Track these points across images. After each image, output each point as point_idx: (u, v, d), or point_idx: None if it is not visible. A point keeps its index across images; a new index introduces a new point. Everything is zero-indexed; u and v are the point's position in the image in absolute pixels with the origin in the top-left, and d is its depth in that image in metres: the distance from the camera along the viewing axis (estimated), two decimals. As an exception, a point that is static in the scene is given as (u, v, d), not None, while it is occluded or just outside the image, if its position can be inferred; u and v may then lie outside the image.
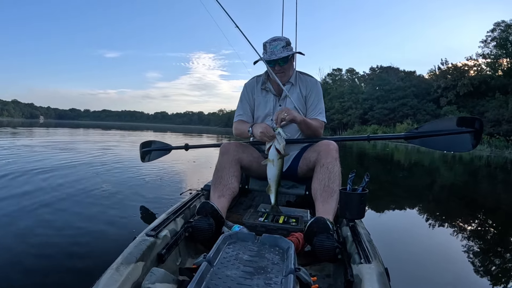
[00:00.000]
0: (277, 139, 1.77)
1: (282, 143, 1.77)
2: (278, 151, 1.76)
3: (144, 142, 3.44)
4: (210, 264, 1.04)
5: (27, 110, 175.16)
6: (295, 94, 2.13)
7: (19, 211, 2.54)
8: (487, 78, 32.46)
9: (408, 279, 1.85)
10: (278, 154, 1.76)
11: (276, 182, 1.82)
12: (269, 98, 2.15)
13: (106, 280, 0.95)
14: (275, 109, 2.11)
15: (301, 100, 2.13)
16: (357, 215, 1.58)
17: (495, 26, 31.90)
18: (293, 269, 1.03)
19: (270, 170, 1.80)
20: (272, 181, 1.82)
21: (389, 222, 3.20)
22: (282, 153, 1.77)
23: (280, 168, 1.79)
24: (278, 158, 1.77)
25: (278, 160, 1.77)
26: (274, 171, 1.79)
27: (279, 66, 2.03)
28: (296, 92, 2.14)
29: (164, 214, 1.54)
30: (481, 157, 15.59)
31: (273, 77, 2.06)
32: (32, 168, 4.46)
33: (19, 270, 1.59)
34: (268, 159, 1.80)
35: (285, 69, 2.06)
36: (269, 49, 2.03)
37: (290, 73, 2.12)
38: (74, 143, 10.14)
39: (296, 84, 2.15)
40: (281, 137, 1.77)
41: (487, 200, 5.18)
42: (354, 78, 56.72)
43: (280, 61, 2.02)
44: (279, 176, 1.81)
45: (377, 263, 1.14)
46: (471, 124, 1.95)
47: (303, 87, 2.15)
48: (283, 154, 1.78)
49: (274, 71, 2.04)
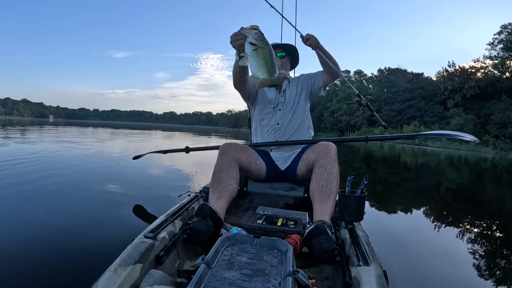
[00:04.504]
0: (246, 33, 1.50)
1: (253, 34, 1.48)
2: (252, 44, 1.47)
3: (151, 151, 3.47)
4: (208, 266, 1.04)
5: (36, 109, 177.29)
6: (294, 87, 2.28)
7: (14, 212, 2.53)
8: (494, 81, 32.29)
9: (406, 281, 1.84)
10: (253, 45, 1.47)
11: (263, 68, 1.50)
12: (270, 89, 2.24)
13: (104, 282, 0.95)
14: (276, 99, 2.21)
15: (301, 90, 2.27)
16: (355, 217, 1.57)
17: (502, 28, 31.80)
18: (292, 272, 1.02)
19: (250, 63, 1.51)
20: (257, 69, 1.51)
21: (388, 224, 3.17)
22: (256, 44, 1.47)
23: (265, 57, 1.49)
24: (253, 49, 1.47)
25: (256, 52, 1.48)
26: (254, 60, 1.50)
27: (277, 58, 2.07)
28: (295, 84, 2.29)
29: (163, 216, 1.54)
30: (486, 159, 15.49)
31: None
32: (30, 166, 4.50)
33: (14, 271, 1.58)
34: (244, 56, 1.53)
35: (283, 62, 2.14)
36: None
37: (286, 70, 2.22)
38: (79, 142, 10.20)
39: (292, 81, 2.31)
40: (249, 31, 1.49)
41: (490, 202, 5.14)
42: (362, 80, 56.61)
43: (281, 51, 2.15)
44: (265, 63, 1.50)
45: (376, 266, 1.14)
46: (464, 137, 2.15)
47: (299, 81, 2.31)
48: (257, 45, 1.47)
49: None
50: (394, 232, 2.91)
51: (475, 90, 32.46)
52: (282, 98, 2.20)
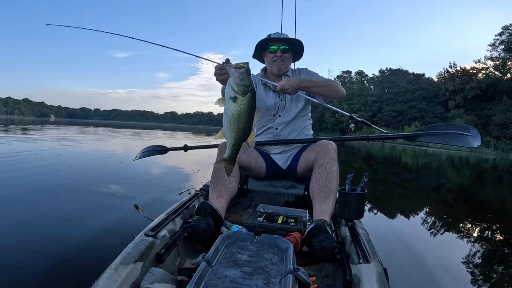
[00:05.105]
0: (229, 72, 1.20)
1: (235, 77, 1.18)
2: (233, 90, 1.19)
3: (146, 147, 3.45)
4: (209, 264, 1.04)
5: (38, 108, 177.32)
6: None
7: (14, 211, 2.55)
8: (495, 82, 32.25)
9: (407, 279, 1.84)
10: (233, 92, 1.18)
11: (233, 129, 1.23)
12: (268, 94, 2.13)
13: (105, 280, 0.95)
14: (276, 105, 2.11)
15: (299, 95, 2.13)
16: (356, 215, 1.57)
17: (503, 29, 31.80)
18: (292, 269, 1.02)
19: (224, 111, 1.23)
20: (226, 123, 1.23)
21: (389, 223, 3.19)
22: (237, 93, 1.18)
23: (239, 111, 1.20)
24: (230, 96, 1.19)
25: (232, 100, 1.19)
26: (228, 110, 1.21)
27: (280, 52, 2.04)
28: None
29: (163, 214, 1.54)
30: (487, 160, 15.49)
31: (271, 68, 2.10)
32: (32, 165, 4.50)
33: (16, 270, 1.59)
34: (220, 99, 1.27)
35: (285, 57, 2.07)
36: (273, 35, 2.08)
37: (287, 65, 2.13)
38: (81, 141, 10.22)
39: (293, 77, 2.15)
40: (233, 70, 1.18)
41: (491, 202, 5.15)
42: (363, 80, 56.55)
43: (285, 45, 2.05)
44: (237, 119, 1.21)
45: (376, 263, 1.14)
46: (467, 129, 1.97)
47: (300, 77, 2.15)
48: (238, 95, 1.18)
49: (275, 56, 2.06)
50: (395, 230, 2.92)
51: (476, 91, 32.44)
52: (282, 102, 2.11)
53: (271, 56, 2.07)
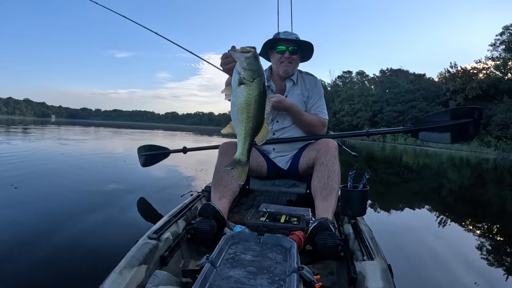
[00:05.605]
0: (235, 58, 1.12)
1: (242, 61, 1.09)
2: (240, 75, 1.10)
3: (141, 146, 3.45)
4: (213, 265, 1.04)
5: (38, 109, 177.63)
6: (296, 95, 2.11)
7: (18, 212, 2.54)
8: (495, 82, 32.18)
9: (411, 275, 1.85)
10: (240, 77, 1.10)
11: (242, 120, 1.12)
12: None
13: (109, 284, 0.95)
14: (275, 112, 2.08)
15: (301, 100, 2.11)
16: (358, 212, 1.58)
17: (504, 29, 31.78)
18: (297, 268, 1.03)
19: (232, 101, 1.14)
20: (234, 115, 1.14)
21: (391, 219, 3.20)
22: (244, 79, 1.09)
23: (247, 99, 1.10)
24: (238, 83, 1.11)
25: (239, 86, 1.10)
26: (236, 99, 1.11)
27: (289, 53, 2.01)
28: (296, 92, 2.12)
29: (166, 216, 1.54)
30: (487, 160, 15.48)
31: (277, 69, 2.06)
32: (33, 167, 4.51)
33: (20, 273, 1.57)
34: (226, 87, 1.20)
35: (293, 59, 2.04)
36: (282, 35, 2.03)
37: (295, 67, 2.10)
38: (82, 140, 10.22)
39: (297, 83, 2.13)
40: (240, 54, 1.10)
41: (493, 202, 5.16)
42: (364, 81, 56.46)
43: (294, 46, 2.01)
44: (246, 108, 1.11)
45: (380, 260, 1.14)
46: (470, 114, 1.92)
47: (304, 87, 2.14)
48: (246, 80, 1.09)
49: (283, 57, 2.02)
50: (398, 226, 2.94)
51: (477, 91, 32.37)
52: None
53: (278, 57, 2.04)
